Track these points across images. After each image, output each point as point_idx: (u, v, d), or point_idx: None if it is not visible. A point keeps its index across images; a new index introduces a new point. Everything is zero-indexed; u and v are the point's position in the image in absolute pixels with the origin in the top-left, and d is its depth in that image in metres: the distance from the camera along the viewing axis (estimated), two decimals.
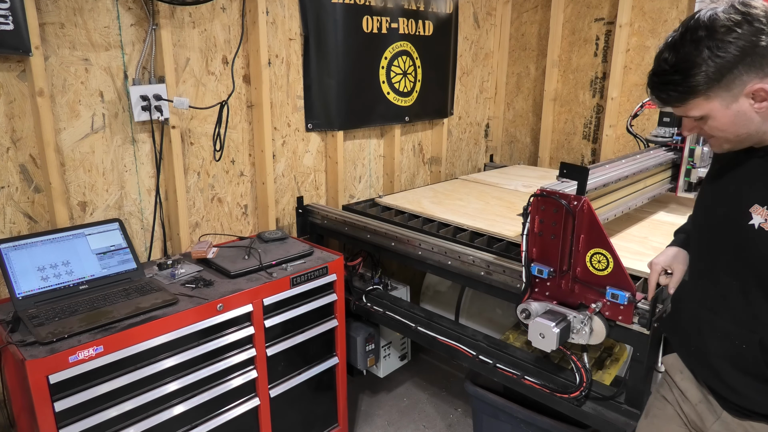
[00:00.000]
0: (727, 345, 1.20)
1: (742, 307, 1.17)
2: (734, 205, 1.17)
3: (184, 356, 1.79)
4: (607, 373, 2.04)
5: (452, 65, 3.50)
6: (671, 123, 2.50)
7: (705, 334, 1.26)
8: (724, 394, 1.25)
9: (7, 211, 1.90)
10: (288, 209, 2.80)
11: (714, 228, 1.24)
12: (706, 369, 1.28)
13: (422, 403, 2.96)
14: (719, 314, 1.22)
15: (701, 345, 1.27)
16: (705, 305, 1.26)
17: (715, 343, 1.23)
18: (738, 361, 1.19)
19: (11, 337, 1.57)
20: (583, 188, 1.66)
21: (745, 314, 1.17)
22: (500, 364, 2.01)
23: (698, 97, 1.08)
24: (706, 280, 1.27)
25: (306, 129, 2.79)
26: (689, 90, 1.08)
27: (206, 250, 2.17)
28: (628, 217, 2.38)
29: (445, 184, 3.25)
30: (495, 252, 2.09)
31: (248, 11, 2.39)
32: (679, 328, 1.37)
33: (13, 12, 1.71)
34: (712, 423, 1.29)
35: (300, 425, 2.29)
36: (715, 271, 1.23)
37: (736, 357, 1.19)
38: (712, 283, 1.24)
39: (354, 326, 2.64)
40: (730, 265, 1.19)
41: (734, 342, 1.18)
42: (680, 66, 1.07)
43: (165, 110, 2.13)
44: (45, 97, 1.85)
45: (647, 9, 3.11)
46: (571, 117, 3.61)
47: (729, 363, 1.21)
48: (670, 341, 1.45)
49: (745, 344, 1.17)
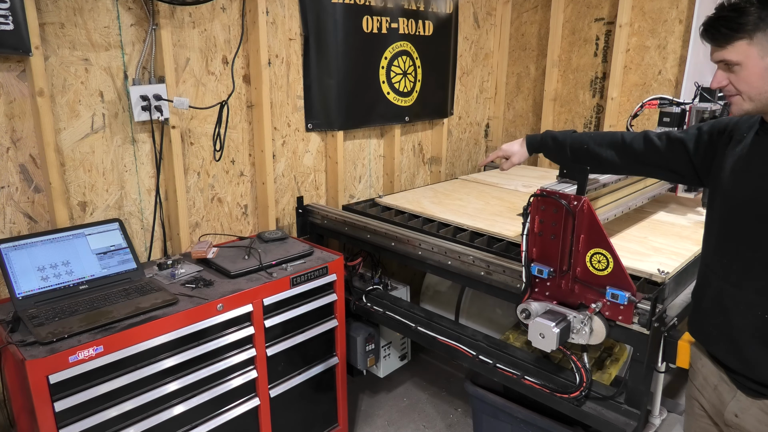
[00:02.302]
0: (749, 316, 1.27)
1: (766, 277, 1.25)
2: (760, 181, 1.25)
3: (184, 356, 1.79)
4: (607, 373, 2.04)
5: (452, 65, 3.50)
6: (671, 123, 2.50)
7: (728, 309, 1.32)
8: (741, 371, 1.31)
9: (7, 211, 1.91)
10: (288, 209, 2.80)
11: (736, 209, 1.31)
12: (727, 344, 1.34)
13: (422, 403, 2.96)
14: (742, 287, 1.29)
15: (724, 320, 1.34)
16: (729, 281, 1.32)
17: (738, 316, 1.30)
18: (760, 332, 1.26)
19: (11, 337, 1.57)
20: (583, 188, 1.67)
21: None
22: (500, 364, 2.01)
23: (743, 38, 1.18)
24: (730, 257, 1.33)
25: (306, 129, 2.79)
26: (738, 27, 1.18)
27: (206, 250, 2.17)
28: (628, 217, 2.38)
29: (445, 184, 3.25)
30: (495, 252, 2.09)
31: (248, 11, 2.39)
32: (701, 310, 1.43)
33: (13, 12, 1.71)
34: (729, 401, 1.35)
35: (300, 425, 2.29)
36: (739, 248, 1.30)
37: (758, 328, 1.26)
38: (737, 258, 1.31)
39: (354, 326, 2.64)
40: (754, 238, 1.26)
41: (757, 313, 1.26)
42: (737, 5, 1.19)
43: (165, 110, 2.13)
44: (45, 97, 1.85)
45: (647, 9, 3.12)
46: (571, 117, 3.61)
47: (750, 335, 1.28)
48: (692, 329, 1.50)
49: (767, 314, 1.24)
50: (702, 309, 1.43)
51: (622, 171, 1.81)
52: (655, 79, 3.16)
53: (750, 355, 1.29)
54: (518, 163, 1.98)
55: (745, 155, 1.31)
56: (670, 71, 3.10)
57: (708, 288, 1.40)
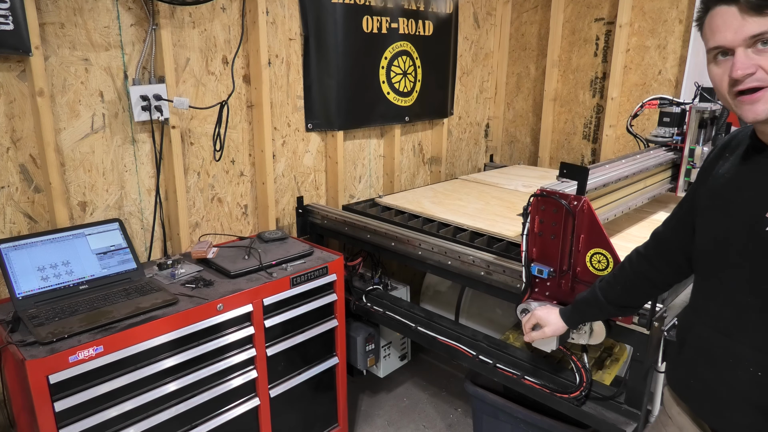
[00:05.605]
0: (740, 373, 1.06)
1: (762, 327, 1.03)
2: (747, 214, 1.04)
3: (184, 356, 1.79)
4: (607, 373, 2.04)
5: (452, 65, 3.50)
6: (671, 123, 2.50)
7: (715, 362, 1.11)
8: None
9: (7, 211, 1.90)
10: (288, 209, 2.80)
11: (723, 242, 1.09)
12: (711, 403, 1.14)
13: (422, 403, 2.96)
14: (734, 337, 1.07)
15: (708, 375, 1.13)
16: (717, 328, 1.11)
17: (726, 371, 1.09)
18: (752, 392, 1.05)
19: (11, 337, 1.57)
20: (583, 188, 1.66)
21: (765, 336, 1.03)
22: (500, 364, 2.01)
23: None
24: (717, 301, 1.12)
25: (306, 129, 2.79)
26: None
27: (206, 250, 2.17)
28: (628, 217, 2.38)
29: (445, 184, 3.25)
30: (495, 252, 2.09)
31: (248, 11, 2.39)
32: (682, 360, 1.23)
33: (13, 12, 1.71)
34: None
35: (300, 425, 2.29)
36: (727, 289, 1.09)
37: (750, 387, 1.05)
38: (726, 303, 1.09)
39: (354, 326, 2.64)
40: (746, 281, 1.05)
41: (748, 369, 1.05)
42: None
43: (165, 110, 2.13)
44: (45, 97, 1.85)
45: (647, 9, 3.12)
46: (571, 117, 3.61)
47: (739, 395, 1.07)
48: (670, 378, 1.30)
49: (761, 371, 1.03)
50: (684, 359, 1.22)
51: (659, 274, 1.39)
52: (655, 79, 3.16)
53: (739, 419, 1.08)
54: (551, 336, 1.62)
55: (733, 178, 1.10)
56: (670, 71, 3.10)
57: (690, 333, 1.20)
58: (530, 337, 1.67)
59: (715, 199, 1.14)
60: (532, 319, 1.66)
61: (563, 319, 1.60)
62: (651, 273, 1.37)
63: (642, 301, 1.48)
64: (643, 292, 1.42)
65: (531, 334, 1.66)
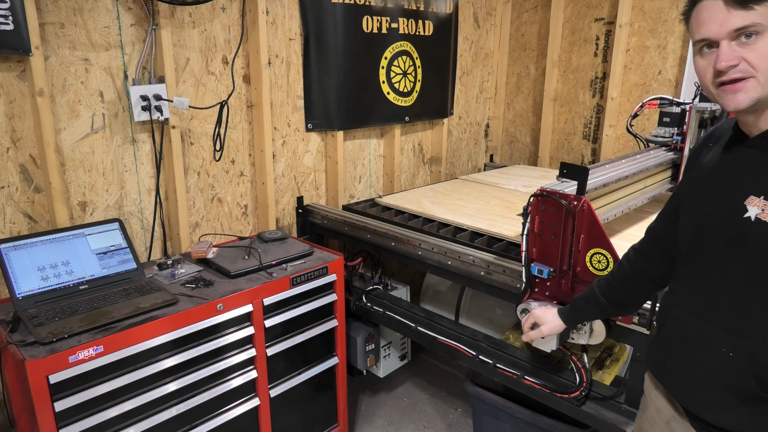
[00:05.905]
0: (712, 353, 1.11)
1: (734, 309, 1.08)
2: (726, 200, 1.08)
3: (184, 356, 1.79)
4: (607, 373, 2.04)
5: (452, 65, 3.50)
6: (671, 123, 2.50)
7: (690, 343, 1.16)
8: (697, 413, 1.17)
9: (7, 211, 1.91)
10: (288, 209, 2.80)
11: (701, 228, 1.14)
12: (685, 382, 1.19)
13: (422, 403, 2.96)
14: (707, 319, 1.12)
15: (683, 355, 1.18)
16: (692, 311, 1.16)
17: (700, 351, 1.14)
18: (721, 371, 1.10)
19: (11, 337, 1.57)
20: (583, 188, 1.66)
21: (736, 318, 1.08)
22: (500, 364, 2.01)
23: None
24: (694, 285, 1.17)
25: (306, 129, 2.79)
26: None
27: (206, 250, 2.17)
28: (628, 217, 2.37)
29: (445, 184, 3.25)
30: (495, 252, 2.09)
31: (248, 11, 2.39)
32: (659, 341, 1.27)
33: (13, 12, 1.71)
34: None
35: (300, 425, 2.29)
36: (704, 273, 1.14)
37: (721, 367, 1.10)
38: (702, 287, 1.15)
39: (354, 326, 2.64)
40: (721, 265, 1.10)
41: (720, 350, 1.09)
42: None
43: (165, 110, 2.13)
44: (45, 97, 1.85)
45: (647, 9, 3.12)
46: (571, 117, 3.61)
47: (710, 375, 1.12)
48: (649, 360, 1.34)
49: (732, 352, 1.08)
50: (661, 340, 1.26)
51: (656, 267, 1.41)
52: (655, 79, 3.16)
53: (709, 397, 1.12)
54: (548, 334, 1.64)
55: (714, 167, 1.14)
56: (670, 71, 3.10)
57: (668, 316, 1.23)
58: (528, 336, 1.68)
59: (697, 187, 1.19)
60: (530, 318, 1.67)
61: (561, 318, 1.60)
62: (648, 268, 1.39)
63: (641, 299, 1.49)
64: (642, 288, 1.43)
65: (529, 334, 1.67)
